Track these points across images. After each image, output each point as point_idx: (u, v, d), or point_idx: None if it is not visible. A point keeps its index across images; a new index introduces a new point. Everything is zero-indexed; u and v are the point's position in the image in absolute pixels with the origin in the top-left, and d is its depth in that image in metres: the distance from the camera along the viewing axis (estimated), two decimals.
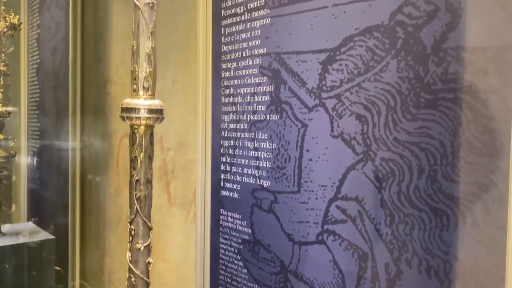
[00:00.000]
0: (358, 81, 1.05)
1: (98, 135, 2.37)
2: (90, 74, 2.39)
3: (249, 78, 1.35)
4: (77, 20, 2.30)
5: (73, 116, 2.36)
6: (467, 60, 0.86)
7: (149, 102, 0.80)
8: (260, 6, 1.30)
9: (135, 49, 0.79)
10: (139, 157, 0.79)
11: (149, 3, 0.80)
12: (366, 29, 1.03)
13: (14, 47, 2.55)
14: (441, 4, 0.90)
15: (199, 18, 1.53)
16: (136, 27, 0.79)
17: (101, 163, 2.36)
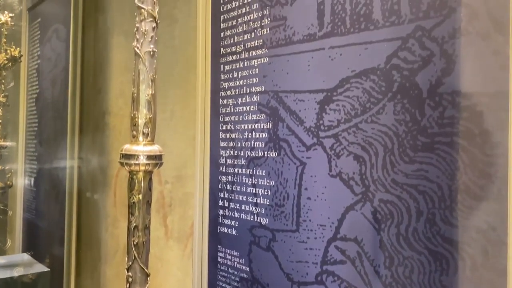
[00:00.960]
0: (355, 122, 1.06)
1: (96, 165, 2.37)
2: (89, 105, 2.41)
3: (248, 115, 1.36)
4: (77, 52, 2.33)
5: (71, 147, 2.36)
6: (463, 105, 0.88)
7: (148, 148, 0.80)
8: (258, 46, 1.33)
9: (135, 96, 0.81)
10: (137, 203, 0.79)
11: (149, 51, 0.81)
12: (363, 72, 1.05)
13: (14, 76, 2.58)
14: (436, 50, 0.92)
15: (198, 54, 1.55)
16: (136, 75, 0.80)
17: (98, 193, 2.35)
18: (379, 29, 1.02)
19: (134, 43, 0.82)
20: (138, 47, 0.81)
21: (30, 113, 2.80)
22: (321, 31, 1.15)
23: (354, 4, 1.07)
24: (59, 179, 2.44)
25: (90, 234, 2.43)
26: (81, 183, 2.43)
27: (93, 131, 2.39)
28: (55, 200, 2.50)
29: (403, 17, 0.97)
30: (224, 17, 1.46)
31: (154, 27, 0.82)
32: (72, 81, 2.33)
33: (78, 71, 2.36)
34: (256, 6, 1.34)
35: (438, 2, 0.92)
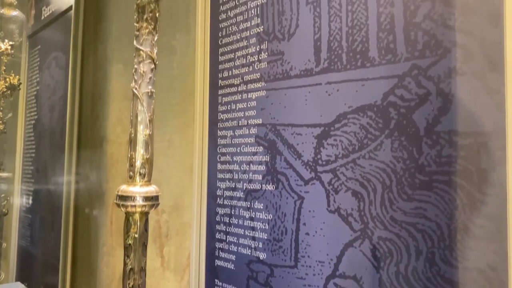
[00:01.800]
0: (353, 158, 1.06)
1: (93, 192, 2.35)
2: (87, 132, 2.41)
3: (245, 147, 1.36)
4: (76, 80, 2.35)
5: (68, 174, 2.34)
6: (460, 144, 0.88)
7: (145, 189, 0.80)
8: (256, 79, 1.34)
9: (132, 136, 0.80)
10: (133, 245, 0.78)
11: (147, 92, 0.82)
12: (360, 108, 1.06)
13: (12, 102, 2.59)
14: (432, 89, 0.93)
15: (196, 85, 1.56)
16: (134, 115, 0.81)
17: (94, 222, 2.33)
18: (376, 67, 1.03)
19: (132, 84, 0.82)
20: (136, 88, 0.81)
21: (28, 140, 2.79)
22: (318, 67, 1.16)
23: (350, 41, 1.08)
24: (55, 206, 2.41)
25: (86, 262, 2.39)
26: (77, 211, 2.40)
27: (90, 158, 2.38)
28: (51, 228, 2.47)
29: (399, 56, 0.99)
30: (222, 50, 1.48)
31: (152, 68, 0.83)
32: (70, 108, 2.34)
33: (77, 98, 2.37)
34: (254, 40, 1.36)
35: (433, 42, 0.93)
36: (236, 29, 1.43)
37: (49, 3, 2.66)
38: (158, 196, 0.82)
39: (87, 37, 2.44)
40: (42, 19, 2.73)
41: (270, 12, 1.31)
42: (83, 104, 2.42)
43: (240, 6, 1.41)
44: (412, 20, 0.96)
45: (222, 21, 1.48)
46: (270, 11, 1.31)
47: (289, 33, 1.25)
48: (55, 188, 2.43)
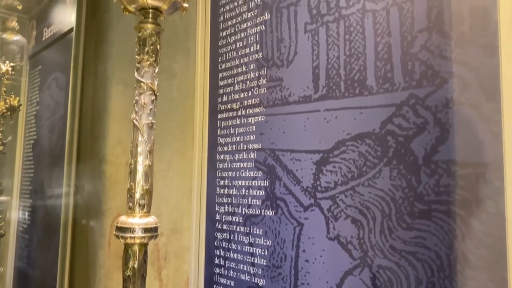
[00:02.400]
0: (352, 185, 1.06)
1: (91, 214, 2.34)
2: (86, 153, 2.41)
3: (245, 171, 1.36)
4: (76, 100, 2.36)
5: (67, 195, 2.34)
6: (458, 174, 0.88)
7: (144, 220, 0.80)
8: (255, 104, 1.35)
9: (132, 167, 0.81)
10: (132, 277, 0.78)
11: (148, 124, 0.82)
12: (358, 135, 1.06)
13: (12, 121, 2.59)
14: (430, 118, 0.94)
15: (196, 109, 1.57)
16: (134, 146, 0.81)
17: (92, 243, 2.31)
18: (374, 95, 1.04)
19: (133, 115, 0.83)
20: (136, 119, 0.82)
21: (26, 159, 2.79)
22: (316, 94, 1.17)
23: (348, 69, 1.10)
24: (53, 227, 2.40)
25: (83, 285, 2.36)
26: (75, 232, 2.39)
27: (89, 179, 2.38)
28: (48, 249, 2.45)
29: (397, 85, 1.00)
30: (222, 75, 1.49)
31: (153, 100, 0.84)
32: (70, 129, 2.34)
33: (76, 119, 2.37)
34: (253, 66, 1.37)
35: (430, 72, 0.94)
36: (235, 55, 1.45)
37: (50, 24, 2.70)
38: (157, 228, 0.82)
39: (88, 58, 2.46)
40: (43, 40, 2.76)
41: (269, 39, 1.32)
42: (82, 125, 2.43)
43: (240, 32, 1.43)
44: (409, 50, 0.98)
45: (222, 46, 1.50)
46: (269, 38, 1.33)
47: (288, 60, 1.26)
48: (53, 209, 2.42)
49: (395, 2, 1.01)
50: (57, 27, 2.61)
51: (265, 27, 1.34)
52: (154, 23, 0.84)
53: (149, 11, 0.83)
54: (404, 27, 0.99)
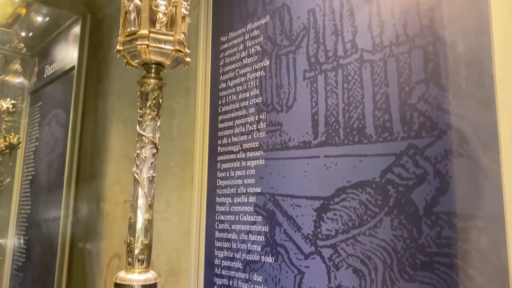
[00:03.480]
0: (353, 234, 1.06)
1: (88, 252, 2.30)
2: (84, 190, 2.40)
3: (244, 216, 1.35)
4: (76, 138, 2.37)
5: (63, 233, 2.31)
6: (460, 226, 0.88)
7: (143, 276, 0.79)
8: (255, 148, 1.36)
9: (132, 221, 0.80)
10: None
11: (149, 177, 0.83)
12: (358, 183, 1.06)
13: (11, 164, 2.59)
14: (429, 169, 0.94)
15: (196, 149, 1.58)
16: (134, 200, 0.81)
17: (89, 283, 2.26)
18: (373, 144, 1.05)
19: (134, 168, 0.83)
20: (137, 173, 0.82)
21: (24, 196, 2.77)
22: (316, 140, 1.18)
23: (347, 117, 1.11)
24: (48, 266, 2.35)
25: None
26: (71, 270, 2.34)
27: (87, 217, 2.35)
28: (43, 284, 2.40)
29: (396, 134, 1.01)
30: (222, 117, 1.51)
31: (154, 153, 0.84)
32: (68, 166, 2.34)
33: (75, 156, 2.38)
34: (253, 110, 1.39)
35: (429, 124, 0.95)
36: (235, 98, 1.46)
37: (52, 62, 2.74)
38: (156, 284, 0.81)
39: (88, 95, 2.49)
40: (44, 76, 2.80)
41: (269, 85, 1.35)
42: (81, 162, 2.42)
43: (240, 77, 1.46)
44: (407, 101, 1.00)
45: (222, 89, 1.52)
46: (268, 84, 1.35)
47: (287, 105, 1.28)
48: (49, 247, 2.39)
49: (392, 53, 1.04)
50: (59, 65, 2.65)
51: (264, 72, 1.37)
52: (156, 77, 0.86)
53: (152, 66, 0.85)
54: (401, 78, 1.01)
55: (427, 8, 0.99)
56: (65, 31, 2.64)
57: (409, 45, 1.00)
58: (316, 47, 1.22)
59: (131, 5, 0.82)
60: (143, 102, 0.85)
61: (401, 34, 1.02)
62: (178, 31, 0.84)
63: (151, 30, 0.81)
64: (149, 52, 0.81)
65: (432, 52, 0.96)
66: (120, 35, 0.84)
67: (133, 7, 0.82)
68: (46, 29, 2.75)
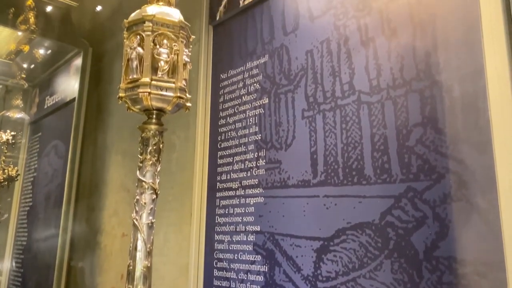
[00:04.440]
0: (354, 276, 1.05)
1: (84, 286, 2.26)
2: (82, 223, 2.38)
3: (243, 254, 1.34)
4: (75, 169, 2.37)
5: (59, 268, 2.27)
6: (460, 272, 0.87)
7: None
8: (254, 185, 1.36)
9: (130, 269, 0.80)
10: None
11: (148, 223, 0.82)
12: (358, 225, 1.06)
13: (9, 197, 2.58)
14: (429, 213, 0.94)
15: (195, 185, 1.58)
16: (133, 247, 0.80)
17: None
18: (372, 185, 1.05)
19: (133, 214, 0.83)
20: (137, 219, 0.82)
21: (20, 227, 2.74)
22: (315, 179, 1.19)
23: (346, 157, 1.12)
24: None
25: None
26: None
27: (84, 250, 2.33)
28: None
29: (394, 176, 1.01)
30: (221, 153, 1.51)
31: (154, 199, 0.84)
32: (66, 198, 2.33)
33: (74, 188, 2.37)
34: (252, 147, 1.40)
35: (427, 167, 0.96)
36: (235, 135, 1.48)
37: (53, 93, 2.76)
38: None
39: (88, 127, 2.50)
40: (45, 107, 2.82)
41: (268, 122, 1.36)
42: (79, 194, 2.41)
43: (239, 114, 1.47)
44: (405, 143, 1.01)
45: (222, 126, 1.54)
46: (267, 121, 1.36)
47: (286, 143, 1.29)
48: (45, 281, 2.35)
49: (389, 96, 1.05)
50: (60, 96, 2.68)
51: (263, 110, 1.38)
52: (157, 123, 0.87)
53: (153, 112, 0.86)
54: (399, 121, 1.03)
55: (423, 53, 1.01)
56: (67, 63, 2.67)
57: (406, 89, 1.02)
58: (314, 87, 1.24)
59: (134, 53, 0.84)
60: (144, 147, 0.86)
61: (398, 77, 1.04)
62: (180, 78, 0.85)
63: (153, 77, 0.82)
64: (151, 99, 0.82)
65: (428, 96, 0.98)
66: (122, 82, 0.85)
67: (136, 55, 0.84)
68: (48, 61, 2.79)
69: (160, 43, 0.85)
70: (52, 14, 2.24)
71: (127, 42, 0.86)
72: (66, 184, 2.35)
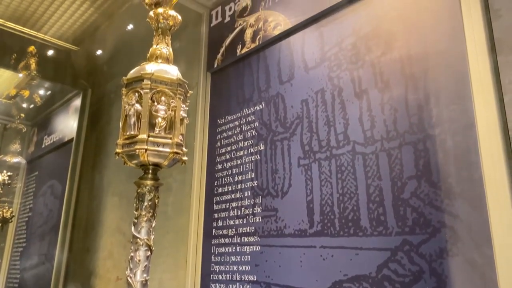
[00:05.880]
0: None
1: None
2: (76, 265, 2.34)
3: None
4: (70, 211, 2.35)
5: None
6: None
7: None
8: (250, 233, 1.35)
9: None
10: None
11: (142, 281, 0.81)
12: (355, 277, 1.05)
13: (2, 232, 2.54)
14: (425, 267, 0.93)
15: (190, 231, 1.57)
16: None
17: None
18: (368, 237, 1.05)
19: (127, 272, 0.82)
20: (131, 276, 0.81)
21: (12, 268, 2.69)
22: (311, 229, 1.18)
23: (342, 208, 1.12)
24: None
25: None
26: None
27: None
28: None
29: (390, 229, 1.01)
30: (217, 199, 1.51)
31: (148, 255, 0.84)
32: (61, 240, 2.30)
33: (69, 229, 2.34)
34: (248, 193, 1.40)
35: (422, 220, 0.96)
36: (231, 180, 1.48)
37: (51, 132, 2.78)
38: None
39: (85, 167, 2.50)
40: (43, 147, 2.83)
41: (264, 169, 1.37)
42: (74, 236, 2.38)
43: (236, 159, 1.48)
44: (400, 195, 1.01)
45: (218, 171, 1.54)
46: (264, 168, 1.37)
47: (283, 191, 1.29)
48: None
49: (383, 147, 1.07)
50: (58, 136, 2.69)
51: (260, 156, 1.40)
52: (153, 178, 0.87)
53: (150, 167, 0.87)
54: (393, 173, 1.03)
55: (415, 106, 1.03)
56: (66, 103, 2.71)
57: (400, 141, 1.04)
58: (309, 135, 1.26)
59: (132, 109, 0.86)
60: (139, 203, 0.86)
61: (391, 129, 1.06)
62: (177, 134, 0.86)
63: (150, 134, 0.83)
64: (148, 155, 0.83)
65: (422, 149, 1.00)
66: (120, 138, 0.86)
67: (134, 112, 0.85)
68: (47, 101, 2.82)
69: (158, 100, 0.87)
70: (53, 57, 2.29)
71: (126, 98, 0.88)
72: (61, 225, 2.33)
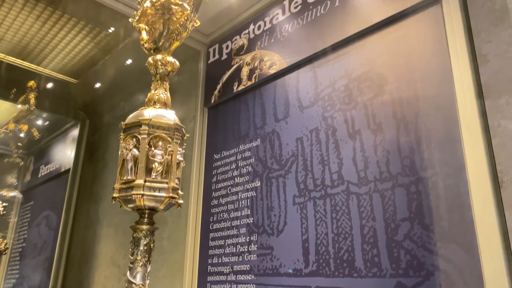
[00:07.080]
0: None
1: None
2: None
3: None
4: (65, 243, 2.34)
5: None
6: None
7: None
8: (246, 271, 1.34)
9: None
10: None
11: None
12: None
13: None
14: None
15: (186, 267, 1.56)
16: None
17: None
18: (363, 278, 1.05)
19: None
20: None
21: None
22: (307, 268, 1.18)
23: (337, 248, 1.13)
24: None
25: None
26: None
27: None
28: None
29: (384, 271, 1.02)
30: (213, 235, 1.51)
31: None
32: (55, 272, 2.27)
33: (63, 261, 2.32)
34: (244, 230, 1.40)
35: (416, 263, 0.97)
36: (227, 217, 1.48)
37: (48, 162, 2.79)
38: None
39: (81, 198, 2.50)
40: (39, 176, 2.83)
41: (260, 206, 1.38)
42: (68, 268, 2.36)
43: (232, 195, 1.49)
44: (394, 237, 1.02)
45: (214, 206, 1.55)
46: (259, 205, 1.38)
47: (278, 229, 1.30)
48: None
49: (377, 188, 1.08)
50: (55, 166, 2.70)
51: (255, 193, 1.41)
52: (149, 222, 0.88)
53: (145, 211, 0.88)
54: (387, 214, 1.05)
55: (407, 149, 1.05)
56: (63, 133, 2.72)
57: (393, 183, 1.06)
58: (304, 174, 1.27)
59: (129, 154, 0.87)
60: (135, 247, 0.86)
61: (384, 171, 1.08)
62: (173, 178, 0.88)
63: (147, 179, 0.85)
64: (144, 200, 0.84)
65: (414, 191, 1.01)
66: (117, 182, 0.87)
67: (131, 157, 0.87)
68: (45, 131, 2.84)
69: (155, 145, 0.88)
70: (52, 89, 2.32)
71: (124, 143, 0.89)
72: (55, 257, 2.31)
